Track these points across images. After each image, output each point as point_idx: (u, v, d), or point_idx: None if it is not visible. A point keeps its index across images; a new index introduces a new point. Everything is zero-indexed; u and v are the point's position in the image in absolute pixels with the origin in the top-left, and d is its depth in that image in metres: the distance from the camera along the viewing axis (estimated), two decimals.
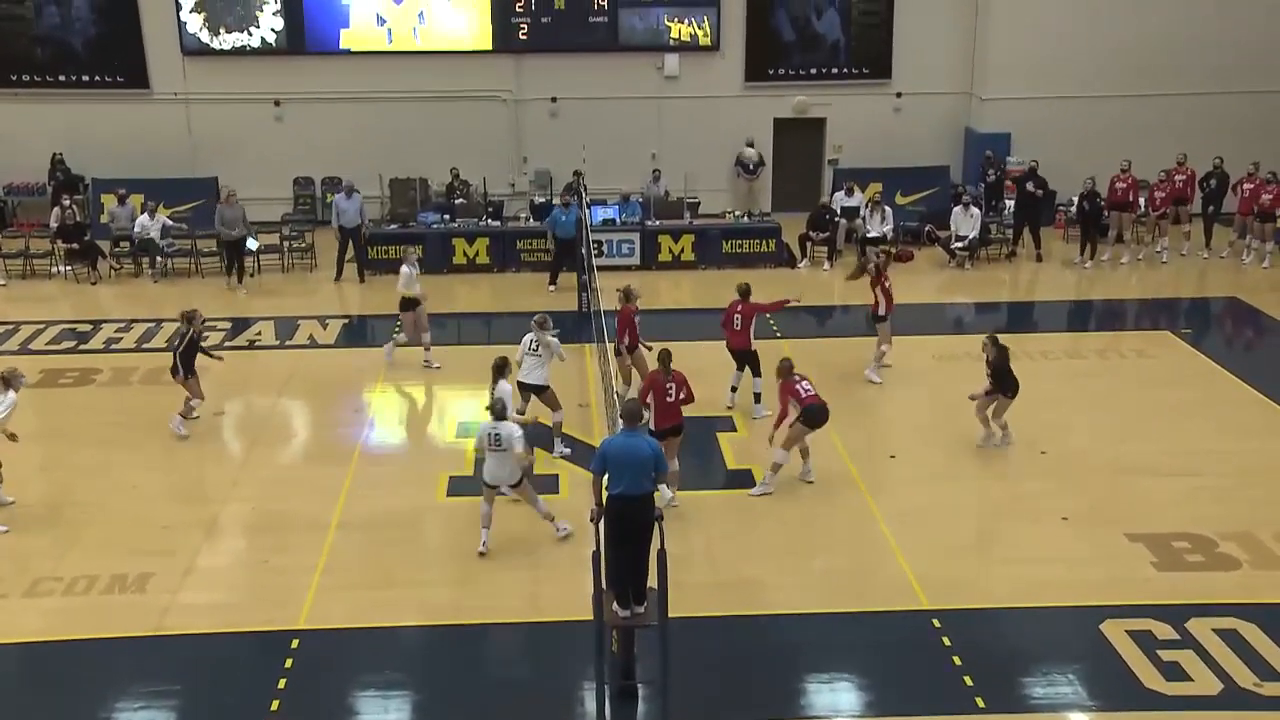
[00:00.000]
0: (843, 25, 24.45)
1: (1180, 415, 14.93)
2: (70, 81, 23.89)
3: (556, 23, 23.87)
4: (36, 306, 19.85)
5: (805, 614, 10.84)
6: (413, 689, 9.95)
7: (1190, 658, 10.00)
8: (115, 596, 11.07)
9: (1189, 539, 11.93)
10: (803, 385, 12.89)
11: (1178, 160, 22.07)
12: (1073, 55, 23.63)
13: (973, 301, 20.25)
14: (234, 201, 20.41)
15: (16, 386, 12.72)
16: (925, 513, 12.52)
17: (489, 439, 11.51)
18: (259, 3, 23.64)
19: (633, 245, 21.58)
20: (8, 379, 12.68)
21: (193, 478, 13.74)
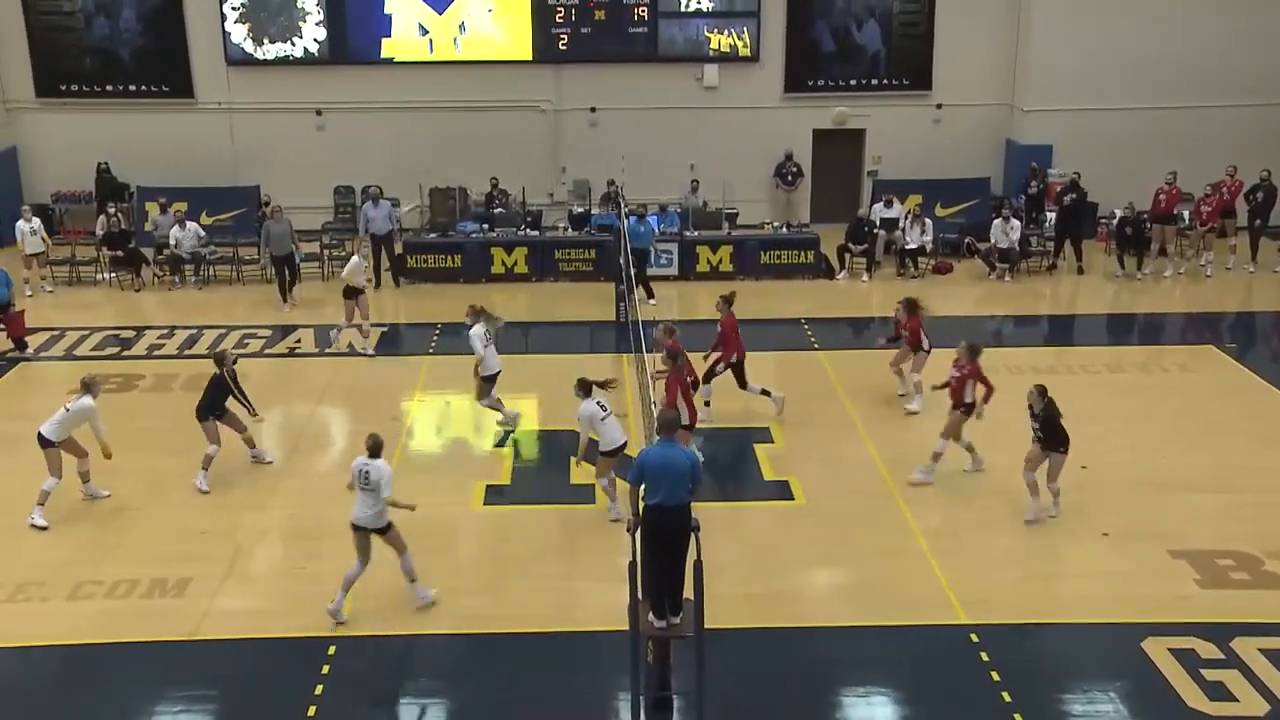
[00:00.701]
0: (883, 36, 24.36)
1: (1225, 431, 14.72)
2: (117, 91, 24.22)
3: (596, 33, 23.94)
4: (82, 313, 20.12)
5: (841, 627, 10.78)
6: (448, 697, 9.97)
7: (1235, 677, 9.84)
8: (155, 601, 11.17)
9: (1233, 556, 11.75)
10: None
11: (1228, 172, 21.80)
12: (1115, 66, 23.41)
13: (1013, 314, 20.08)
14: (280, 216, 20.14)
15: (95, 393, 12.98)
16: (963, 526, 12.42)
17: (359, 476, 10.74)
18: (302, 13, 23.88)
19: (671, 256, 21.58)
20: (89, 384, 13.02)
21: (232, 484, 13.84)
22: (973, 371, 13.32)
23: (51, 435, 12.79)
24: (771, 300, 20.52)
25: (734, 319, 15.08)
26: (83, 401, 12.89)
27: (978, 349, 13.49)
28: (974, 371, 13.32)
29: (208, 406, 13.67)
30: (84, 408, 12.87)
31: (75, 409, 12.85)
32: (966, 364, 13.33)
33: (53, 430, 12.80)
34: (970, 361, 13.33)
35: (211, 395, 13.71)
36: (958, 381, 13.36)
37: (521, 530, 12.57)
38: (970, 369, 13.31)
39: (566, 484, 13.62)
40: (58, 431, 12.82)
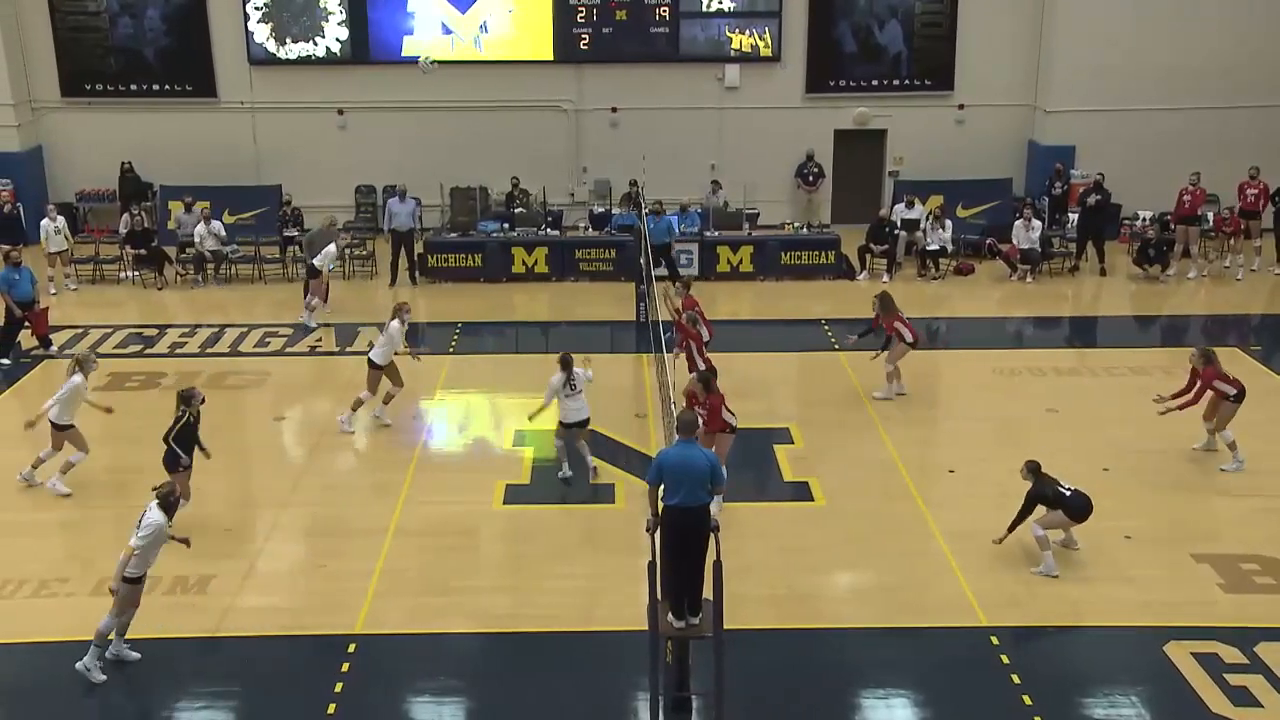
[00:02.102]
0: (905, 37, 24.28)
1: (1249, 434, 14.57)
2: (141, 91, 24.37)
3: (617, 33, 23.95)
4: (105, 311, 20.26)
5: (861, 628, 10.75)
6: (467, 696, 9.99)
7: (1260, 683, 9.77)
8: (177, 597, 11.24)
9: (1258, 561, 11.66)
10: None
11: (1250, 174, 21.65)
12: (1138, 67, 23.27)
13: (1034, 315, 19.99)
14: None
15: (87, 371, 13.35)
16: (984, 528, 12.35)
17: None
18: (325, 13, 23.97)
19: (691, 256, 21.58)
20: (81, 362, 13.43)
21: (253, 482, 13.92)
22: (1211, 375, 13.64)
23: (59, 420, 13.16)
24: (792, 301, 20.50)
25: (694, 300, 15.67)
26: (72, 380, 13.19)
27: (1210, 354, 13.86)
28: (1212, 375, 13.64)
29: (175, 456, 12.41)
30: (72, 385, 13.16)
31: (66, 387, 13.16)
32: (1204, 369, 13.67)
33: (58, 414, 13.16)
34: (1207, 366, 13.68)
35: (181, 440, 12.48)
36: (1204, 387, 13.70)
37: (541, 530, 12.59)
38: (1208, 373, 13.65)
39: (586, 484, 13.63)
40: (62, 414, 13.17)
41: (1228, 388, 13.66)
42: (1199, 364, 13.79)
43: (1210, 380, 13.68)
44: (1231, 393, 13.67)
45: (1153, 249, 21.37)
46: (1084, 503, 11.54)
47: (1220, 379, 13.67)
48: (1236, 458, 13.71)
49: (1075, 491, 11.61)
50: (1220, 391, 13.69)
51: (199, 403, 12.62)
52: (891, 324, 15.67)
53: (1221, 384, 13.67)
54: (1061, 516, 11.59)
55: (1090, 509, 11.55)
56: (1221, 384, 13.67)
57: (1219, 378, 13.67)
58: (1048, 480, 11.64)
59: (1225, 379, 13.69)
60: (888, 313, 15.68)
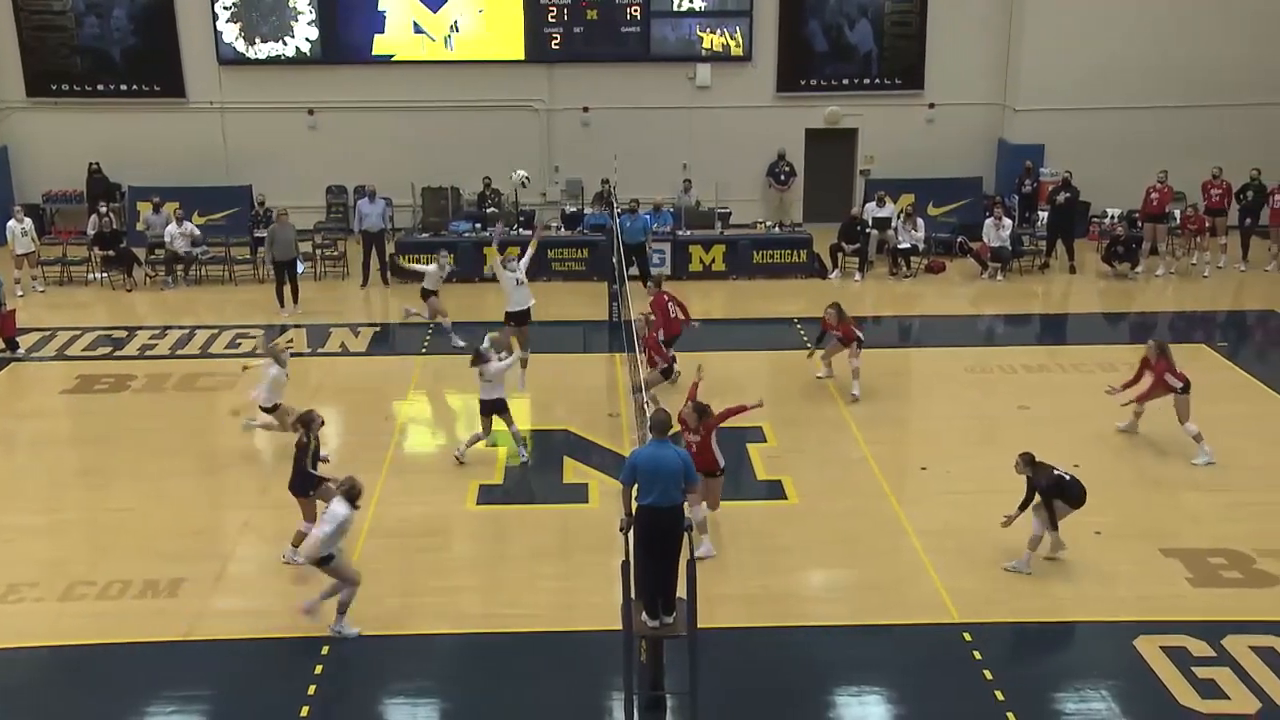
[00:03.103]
0: (875, 36, 24.39)
1: (1216, 429, 14.73)
2: (108, 91, 24.17)
3: (589, 32, 23.94)
4: (73, 313, 20.08)
5: (835, 626, 10.79)
6: (441, 697, 9.96)
7: (1227, 675, 9.87)
8: (148, 601, 11.15)
9: (1225, 555, 11.78)
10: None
11: (1213, 173, 21.86)
12: (1106, 67, 23.47)
13: (1005, 313, 20.12)
14: (286, 221, 19.88)
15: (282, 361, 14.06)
16: (956, 525, 12.43)
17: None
18: (294, 13, 23.84)
19: (664, 255, 21.59)
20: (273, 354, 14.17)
21: (225, 484, 13.83)
22: (1162, 368, 13.97)
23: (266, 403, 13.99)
24: (764, 300, 20.56)
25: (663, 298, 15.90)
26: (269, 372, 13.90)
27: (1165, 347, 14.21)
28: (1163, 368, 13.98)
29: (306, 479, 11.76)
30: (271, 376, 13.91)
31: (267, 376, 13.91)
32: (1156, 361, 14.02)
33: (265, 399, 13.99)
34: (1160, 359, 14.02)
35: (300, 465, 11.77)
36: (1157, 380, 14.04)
37: (514, 530, 12.57)
38: (1160, 365, 13.98)
39: (559, 483, 13.64)
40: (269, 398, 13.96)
41: (1175, 381, 13.94)
42: (1153, 356, 14.11)
43: (1161, 373, 13.96)
44: (1179, 385, 13.93)
45: (1121, 247, 21.57)
46: (1082, 488, 11.57)
47: (1170, 372, 13.95)
48: (1203, 449, 13.87)
49: (1073, 477, 11.62)
50: (1169, 385, 13.93)
51: (319, 426, 11.91)
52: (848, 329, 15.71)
53: (1171, 378, 13.94)
54: (1062, 506, 11.52)
55: (1084, 494, 11.57)
56: (1171, 378, 13.94)
57: (1169, 371, 13.95)
58: (1044, 469, 11.58)
59: (1174, 373, 13.97)
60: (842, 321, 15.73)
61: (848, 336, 15.75)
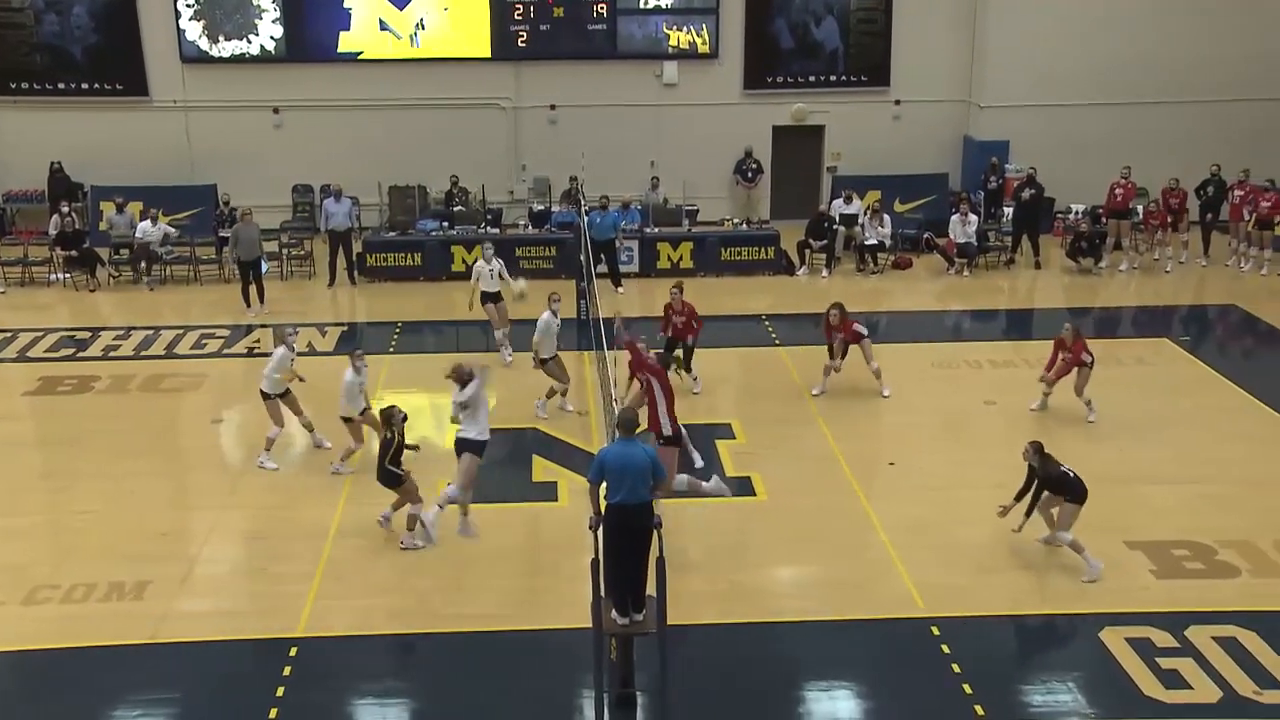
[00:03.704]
0: (841, 33, 24.47)
1: (1179, 423, 14.94)
2: (70, 89, 23.90)
3: (555, 30, 23.90)
4: (35, 314, 19.86)
5: (804, 621, 10.83)
6: (411, 697, 9.94)
7: (1190, 665, 9.99)
8: (113, 604, 11.05)
9: (1188, 547, 11.93)
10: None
11: (1169, 184, 21.87)
12: (1070, 63, 23.66)
13: (971, 309, 20.26)
14: (250, 220, 19.71)
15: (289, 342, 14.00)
16: (924, 520, 12.51)
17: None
18: (258, 10, 23.66)
19: (632, 253, 21.59)
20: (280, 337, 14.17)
21: (191, 485, 13.73)
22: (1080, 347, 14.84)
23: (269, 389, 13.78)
24: (732, 296, 20.60)
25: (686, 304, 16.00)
26: (278, 352, 13.83)
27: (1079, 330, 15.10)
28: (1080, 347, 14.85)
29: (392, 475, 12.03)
30: (279, 357, 13.79)
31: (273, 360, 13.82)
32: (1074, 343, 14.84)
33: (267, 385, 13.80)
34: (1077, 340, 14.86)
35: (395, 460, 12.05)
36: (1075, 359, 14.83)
37: (484, 529, 12.51)
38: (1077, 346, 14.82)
39: (528, 482, 13.62)
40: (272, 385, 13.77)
41: (1087, 355, 14.86)
42: (1070, 338, 14.85)
43: (1079, 352, 14.76)
44: (1089, 360, 14.86)
45: (1085, 242, 21.75)
46: (1083, 484, 11.50)
47: (1086, 350, 14.85)
48: (1092, 409, 14.93)
49: (1076, 475, 11.53)
50: (1085, 362, 14.82)
51: (400, 421, 12.04)
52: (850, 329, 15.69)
53: (1085, 354, 14.84)
54: (1073, 506, 11.45)
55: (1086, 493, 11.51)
56: (1085, 354, 14.84)
57: (1086, 349, 14.85)
58: (1053, 462, 11.55)
59: (1087, 349, 14.90)
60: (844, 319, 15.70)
61: (853, 337, 15.73)
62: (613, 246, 20.71)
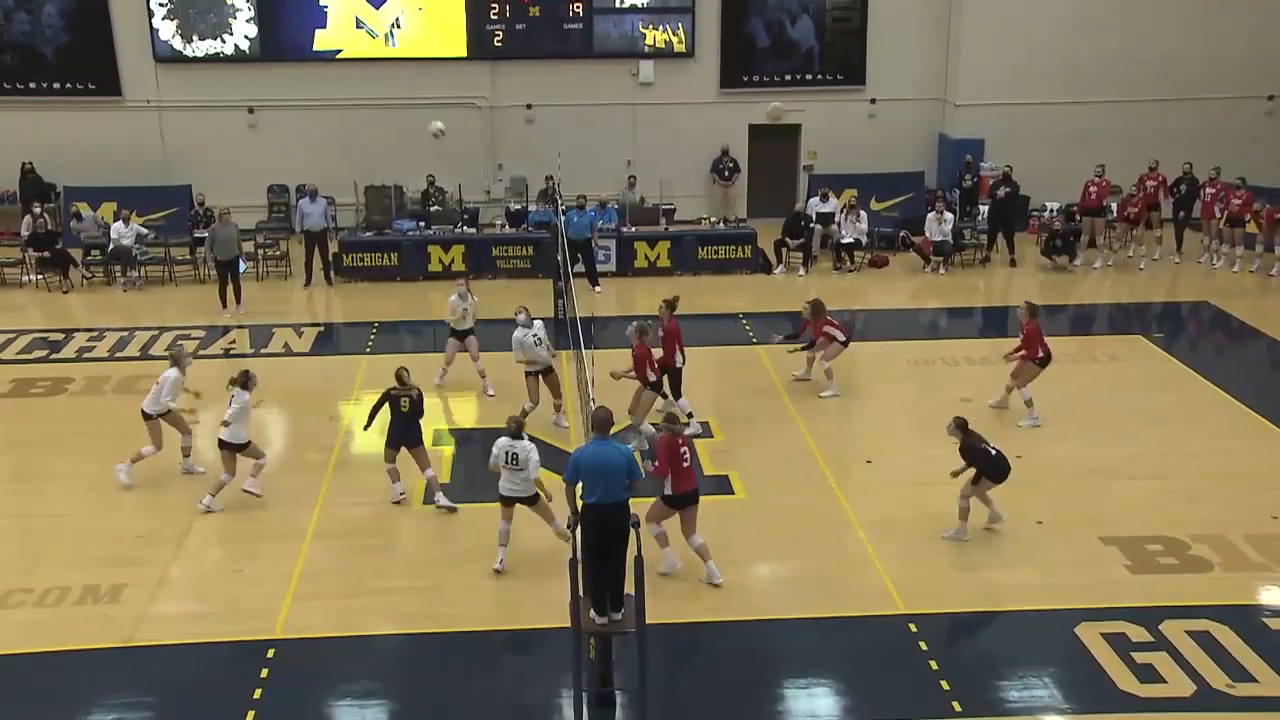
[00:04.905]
0: (816, 32, 24.53)
1: (1152, 419, 15.04)
2: (41, 89, 23.72)
3: (531, 29, 23.87)
4: (7, 315, 19.70)
5: (782, 619, 10.86)
6: (389, 698, 9.91)
7: (1164, 659, 10.07)
8: (88, 608, 10.98)
9: (1162, 542, 12.01)
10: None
11: (1150, 166, 22.26)
12: (1045, 62, 23.80)
13: (947, 306, 20.35)
14: (228, 220, 19.63)
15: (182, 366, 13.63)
16: (901, 518, 12.56)
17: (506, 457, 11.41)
18: (232, 9, 23.53)
19: (609, 252, 21.59)
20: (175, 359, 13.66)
21: (166, 487, 13.63)
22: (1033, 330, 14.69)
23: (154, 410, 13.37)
24: (709, 295, 20.62)
25: (676, 324, 15.01)
26: (170, 374, 13.40)
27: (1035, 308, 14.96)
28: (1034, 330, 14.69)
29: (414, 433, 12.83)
30: (173, 381, 13.40)
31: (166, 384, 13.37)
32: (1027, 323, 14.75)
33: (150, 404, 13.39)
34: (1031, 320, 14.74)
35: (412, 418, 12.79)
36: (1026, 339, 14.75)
37: (461, 529, 12.52)
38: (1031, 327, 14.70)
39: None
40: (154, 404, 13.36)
41: (1039, 349, 14.63)
42: (1024, 318, 14.79)
43: (1032, 335, 14.63)
44: (1040, 355, 14.57)
45: (1060, 240, 21.89)
46: (1006, 464, 12.00)
47: (1038, 338, 14.64)
48: (1032, 415, 14.75)
49: (999, 452, 12.06)
50: (1033, 350, 14.63)
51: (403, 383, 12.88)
52: (820, 329, 15.84)
53: (1038, 344, 14.61)
54: (986, 482, 11.94)
55: (1007, 471, 12.00)
56: (1038, 344, 14.61)
57: (1038, 336, 14.65)
58: (975, 436, 12.06)
59: (1041, 340, 14.67)
60: (817, 318, 15.84)
61: (815, 334, 15.90)
62: (589, 246, 20.71)
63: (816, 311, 15.89)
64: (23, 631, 10.61)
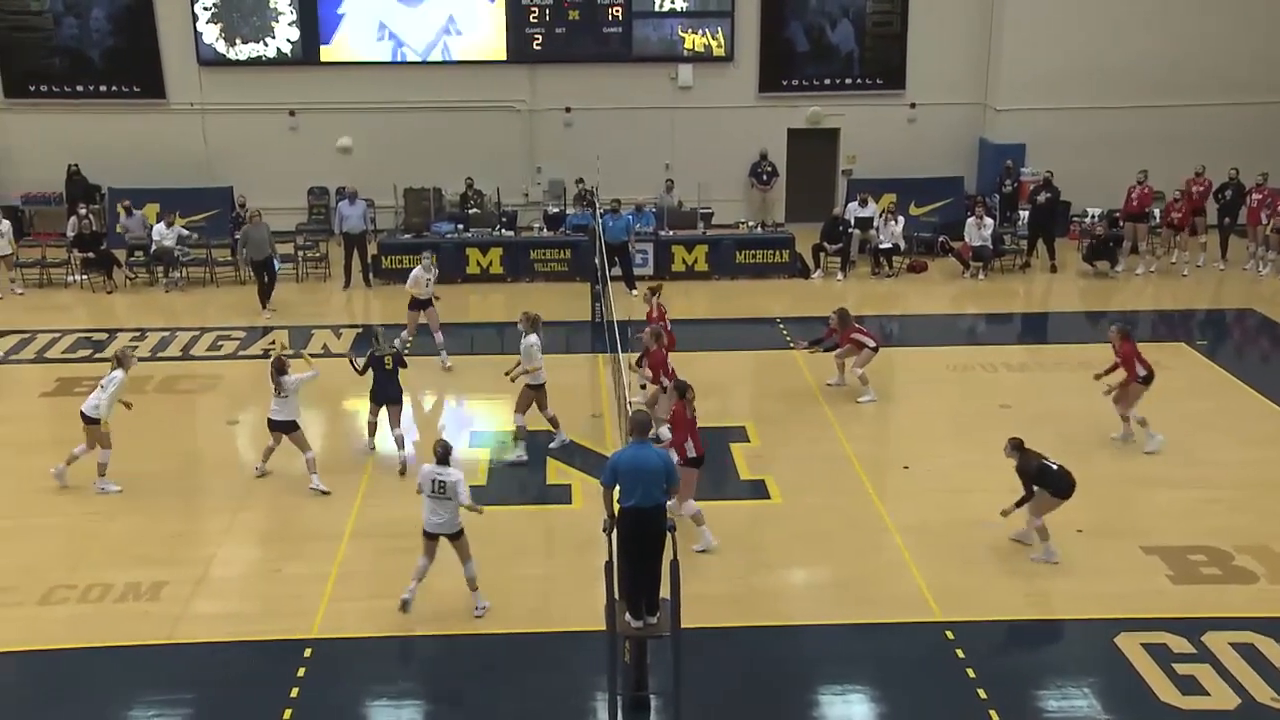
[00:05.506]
0: (856, 36, 24.44)
1: (1195, 427, 14.85)
2: (87, 92, 24.03)
3: (570, 33, 23.93)
4: (53, 315, 19.96)
5: (819, 625, 10.82)
6: (425, 699, 9.95)
7: (1206, 672, 9.94)
8: (129, 605, 11.10)
9: (1204, 552, 11.86)
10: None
11: (1196, 171, 22.00)
12: (1087, 66, 23.57)
13: (986, 312, 20.20)
14: (258, 221, 19.90)
15: (127, 366, 13.59)
16: (939, 524, 12.48)
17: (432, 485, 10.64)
18: (275, 13, 23.75)
19: (646, 255, 21.59)
20: (120, 358, 13.58)
21: (206, 486, 13.77)
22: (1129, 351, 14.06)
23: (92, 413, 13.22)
24: (747, 299, 20.59)
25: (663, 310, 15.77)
26: (116, 375, 13.34)
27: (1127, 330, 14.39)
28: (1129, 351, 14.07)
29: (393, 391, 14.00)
30: (119, 381, 13.35)
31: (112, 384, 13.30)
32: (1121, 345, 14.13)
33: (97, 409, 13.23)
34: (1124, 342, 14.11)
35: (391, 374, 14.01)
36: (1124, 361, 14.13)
37: (498, 531, 12.52)
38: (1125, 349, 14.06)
39: (543, 484, 13.63)
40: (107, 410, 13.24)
41: (1140, 368, 14.05)
42: (1116, 341, 14.22)
43: (1129, 356, 14.04)
44: (1142, 374, 14.07)
45: (1101, 246, 21.66)
46: (1067, 479, 11.59)
47: (1136, 357, 14.05)
48: (1152, 436, 14.10)
49: (1060, 467, 11.65)
50: (1132, 371, 14.04)
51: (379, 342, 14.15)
52: (849, 337, 15.78)
53: (1136, 363, 14.06)
54: (1048, 496, 11.57)
55: (1072, 487, 11.60)
56: (1136, 363, 14.06)
57: (1135, 356, 14.07)
58: (1032, 455, 11.70)
59: (1140, 358, 14.07)
60: (845, 326, 15.79)
61: (843, 342, 15.82)
62: (626, 249, 20.72)
63: (843, 320, 15.82)
64: (66, 627, 10.74)
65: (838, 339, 15.90)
